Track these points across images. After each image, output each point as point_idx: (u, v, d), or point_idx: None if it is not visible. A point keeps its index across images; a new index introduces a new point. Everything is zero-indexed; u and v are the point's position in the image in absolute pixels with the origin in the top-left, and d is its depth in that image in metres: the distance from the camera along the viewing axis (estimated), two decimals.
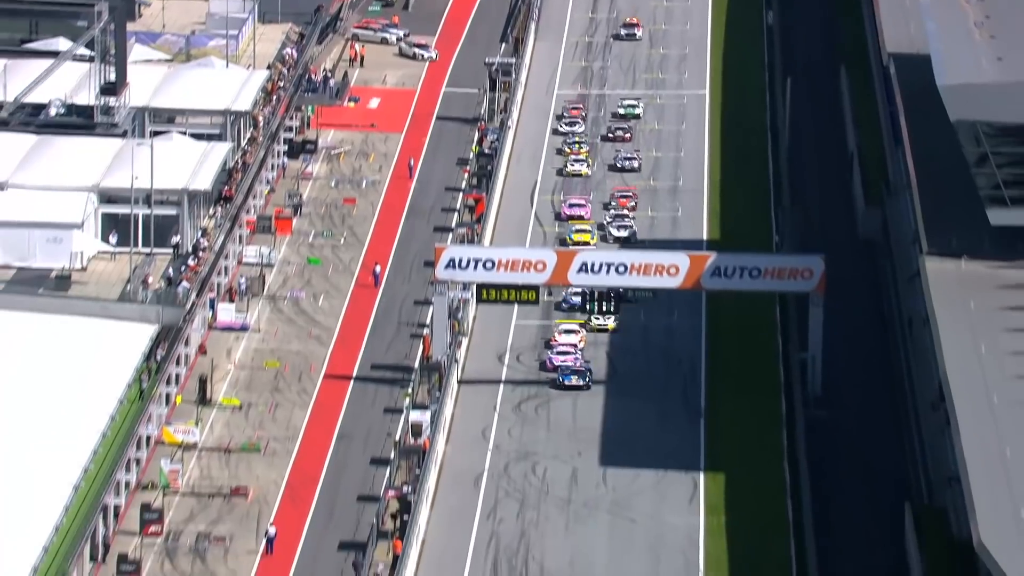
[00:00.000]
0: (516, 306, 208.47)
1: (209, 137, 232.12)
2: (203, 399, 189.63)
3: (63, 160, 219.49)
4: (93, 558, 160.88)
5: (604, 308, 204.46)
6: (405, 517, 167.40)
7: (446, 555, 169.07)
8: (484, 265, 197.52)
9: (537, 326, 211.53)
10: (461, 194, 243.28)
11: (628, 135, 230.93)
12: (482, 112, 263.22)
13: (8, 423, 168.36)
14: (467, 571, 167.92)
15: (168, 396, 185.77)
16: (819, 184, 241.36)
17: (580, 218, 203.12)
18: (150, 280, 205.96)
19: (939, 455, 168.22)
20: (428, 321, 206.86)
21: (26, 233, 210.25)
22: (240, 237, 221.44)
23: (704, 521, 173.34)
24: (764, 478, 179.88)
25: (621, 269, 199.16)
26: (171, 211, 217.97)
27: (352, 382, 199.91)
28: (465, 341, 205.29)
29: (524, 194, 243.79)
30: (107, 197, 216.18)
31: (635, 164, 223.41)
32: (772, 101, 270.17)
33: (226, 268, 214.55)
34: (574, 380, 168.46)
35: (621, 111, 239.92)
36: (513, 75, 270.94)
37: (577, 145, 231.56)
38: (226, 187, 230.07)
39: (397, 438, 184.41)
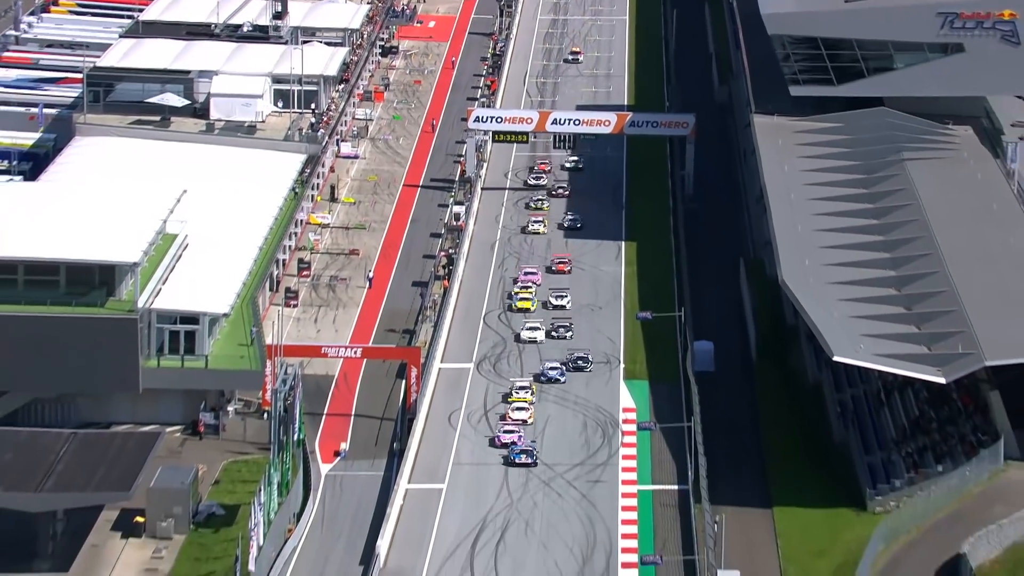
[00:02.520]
0: (515, 145, 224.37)
1: (335, 44, 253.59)
2: (332, 198, 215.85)
3: (251, 58, 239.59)
4: (271, 289, 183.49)
5: (567, 145, 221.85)
6: (450, 267, 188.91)
7: (476, 290, 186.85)
8: (496, 119, 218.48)
9: (527, 156, 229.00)
10: (483, 77, 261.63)
11: (568, 192, 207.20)
12: (495, 29, 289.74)
13: (220, 206, 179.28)
14: (486, 295, 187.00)
15: (312, 196, 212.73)
16: (692, 71, 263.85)
17: (527, 287, 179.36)
18: (301, 128, 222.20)
19: (760, 228, 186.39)
20: (463, 153, 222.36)
21: (231, 100, 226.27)
22: (353, 103, 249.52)
23: (624, 269, 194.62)
24: (659, 244, 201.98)
25: (577, 122, 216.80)
26: (313, 87, 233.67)
27: (419, 188, 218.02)
28: (486, 165, 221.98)
29: (520, 78, 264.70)
30: (277, 79, 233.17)
31: (577, 224, 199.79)
32: (665, 24, 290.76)
33: (345, 121, 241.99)
34: (523, 459, 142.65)
35: (568, 165, 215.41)
36: (513, 7, 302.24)
37: (539, 204, 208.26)
38: (345, 73, 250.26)
39: (445, 221, 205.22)
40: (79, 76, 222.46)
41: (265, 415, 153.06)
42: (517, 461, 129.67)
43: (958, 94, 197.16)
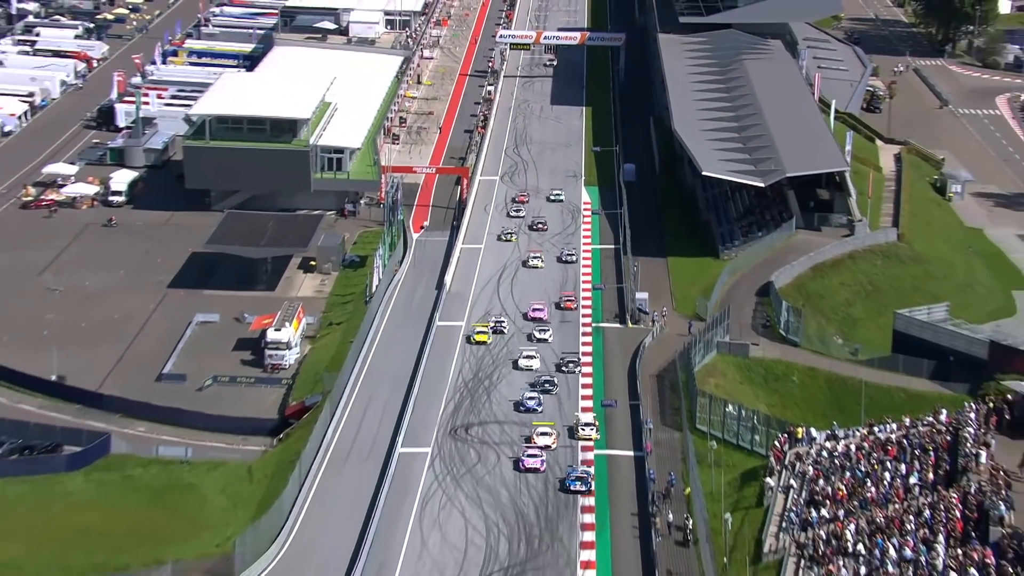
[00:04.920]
0: (522, 51, 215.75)
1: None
2: (418, 81, 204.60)
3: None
4: (384, 133, 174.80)
5: (553, 51, 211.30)
6: (485, 121, 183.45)
7: (499, 134, 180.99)
8: (511, 36, 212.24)
9: (529, 60, 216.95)
10: (503, 12, 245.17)
11: (546, 227, 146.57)
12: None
13: (355, 86, 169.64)
14: (505, 138, 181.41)
15: (407, 80, 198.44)
16: (624, 8, 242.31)
17: (539, 319, 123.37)
18: (401, 41, 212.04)
19: (662, 99, 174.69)
20: (493, 55, 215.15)
21: (361, 25, 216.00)
22: (430, 26, 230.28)
23: (584, 123, 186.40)
24: (604, 108, 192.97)
25: (557, 37, 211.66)
26: (407, 17, 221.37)
27: (468, 76, 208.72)
28: (506, 63, 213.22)
29: (525, 12, 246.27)
30: (387, 12, 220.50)
31: (571, 258, 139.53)
32: None
33: (426, 36, 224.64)
34: (578, 485, 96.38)
35: (551, 198, 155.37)
36: None
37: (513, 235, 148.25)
38: (426, 9, 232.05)
39: (482, 96, 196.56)
40: (276, 11, 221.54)
41: (381, 205, 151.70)
42: (572, 488, 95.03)
43: (773, 21, 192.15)
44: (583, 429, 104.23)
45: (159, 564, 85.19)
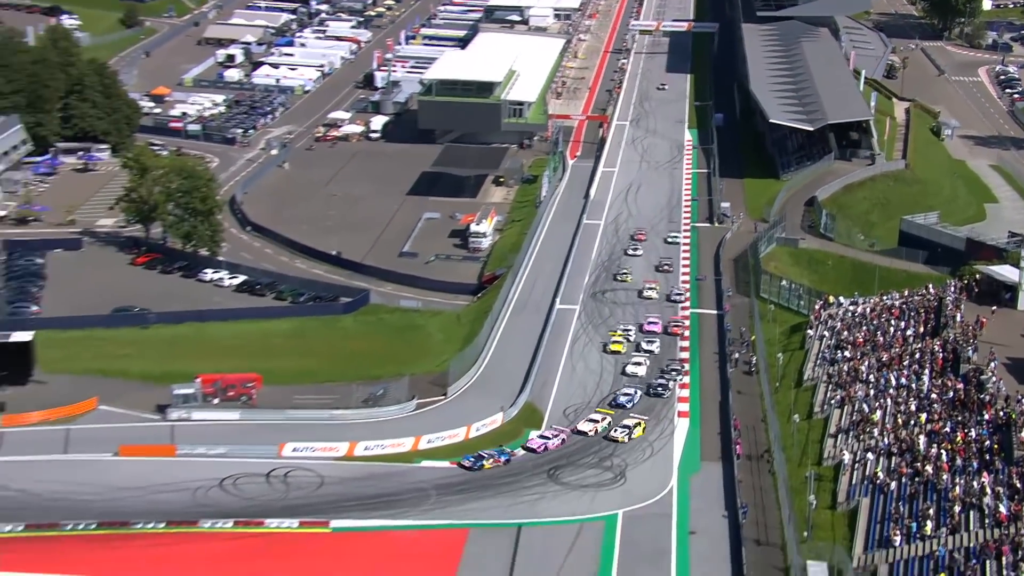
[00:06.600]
0: (647, 36, 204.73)
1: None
2: (575, 55, 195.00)
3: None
4: (551, 91, 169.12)
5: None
6: (620, 83, 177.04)
7: (630, 92, 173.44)
8: (640, 25, 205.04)
9: (651, 41, 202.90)
10: (636, 7, 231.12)
11: (671, 268, 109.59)
12: None
13: (531, 59, 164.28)
14: (634, 95, 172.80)
15: (567, 57, 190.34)
16: (718, 4, 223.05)
17: (652, 332, 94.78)
18: (564, 27, 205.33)
19: (743, 70, 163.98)
20: (627, 38, 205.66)
21: (537, 16, 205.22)
22: (584, 17, 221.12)
23: (688, 85, 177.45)
24: (702, 76, 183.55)
25: (672, 25, 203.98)
26: (569, 11, 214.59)
27: (609, 53, 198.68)
28: (636, 43, 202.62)
29: (650, 8, 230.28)
30: (556, 8, 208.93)
31: (680, 299, 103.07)
32: None
33: (580, 25, 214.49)
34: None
35: (669, 240, 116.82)
36: None
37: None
38: (582, 5, 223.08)
39: (619, 66, 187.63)
40: (481, 8, 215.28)
41: (548, 141, 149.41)
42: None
43: (822, 15, 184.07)
44: (616, 430, 79.60)
45: (400, 375, 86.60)
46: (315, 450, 75.58)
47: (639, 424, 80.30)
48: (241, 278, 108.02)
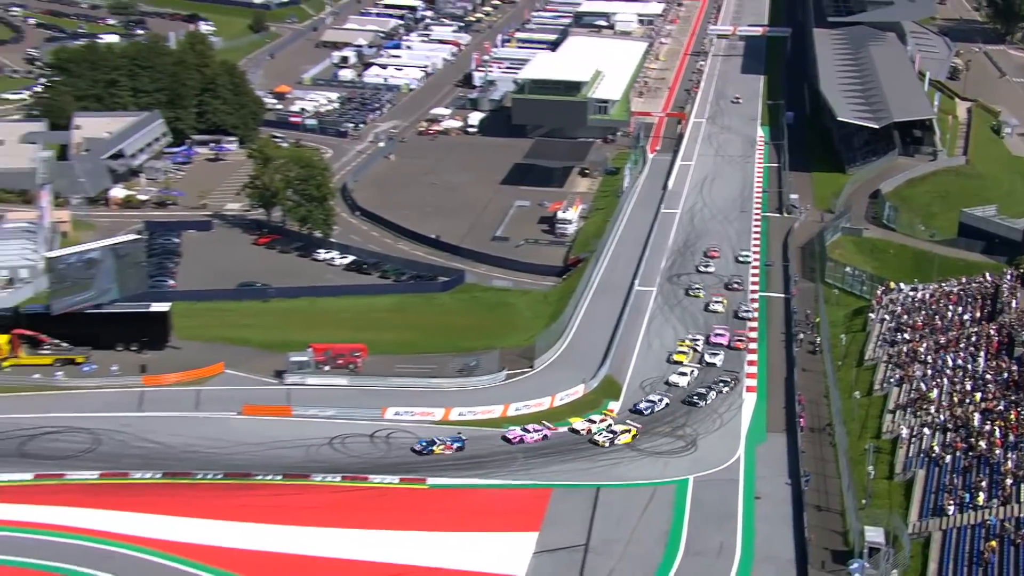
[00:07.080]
0: (724, 40, 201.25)
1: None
2: (657, 57, 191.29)
3: (630, 7, 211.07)
4: (635, 90, 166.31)
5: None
6: (699, 83, 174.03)
7: (707, 92, 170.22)
8: (718, 30, 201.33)
9: (728, 44, 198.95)
10: (714, 13, 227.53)
11: (740, 287, 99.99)
12: None
13: (615, 61, 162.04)
14: (711, 94, 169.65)
15: (650, 59, 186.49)
16: (791, 10, 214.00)
17: (718, 344, 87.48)
18: (646, 32, 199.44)
19: (814, 71, 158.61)
20: (705, 42, 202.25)
21: (622, 22, 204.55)
22: (665, 23, 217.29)
23: (762, 86, 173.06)
24: (775, 76, 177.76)
25: (748, 31, 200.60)
26: (651, 18, 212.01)
27: (688, 55, 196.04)
28: (713, 46, 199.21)
29: (727, 14, 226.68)
30: (639, 14, 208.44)
31: (749, 314, 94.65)
32: None
33: (662, 30, 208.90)
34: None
35: (740, 259, 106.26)
36: None
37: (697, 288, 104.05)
38: (665, 11, 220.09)
39: (697, 67, 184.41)
40: (571, 14, 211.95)
41: (630, 136, 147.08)
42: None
43: (890, 20, 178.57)
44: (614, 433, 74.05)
45: (491, 348, 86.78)
46: (414, 414, 76.36)
47: (629, 431, 73.97)
48: (350, 258, 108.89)
